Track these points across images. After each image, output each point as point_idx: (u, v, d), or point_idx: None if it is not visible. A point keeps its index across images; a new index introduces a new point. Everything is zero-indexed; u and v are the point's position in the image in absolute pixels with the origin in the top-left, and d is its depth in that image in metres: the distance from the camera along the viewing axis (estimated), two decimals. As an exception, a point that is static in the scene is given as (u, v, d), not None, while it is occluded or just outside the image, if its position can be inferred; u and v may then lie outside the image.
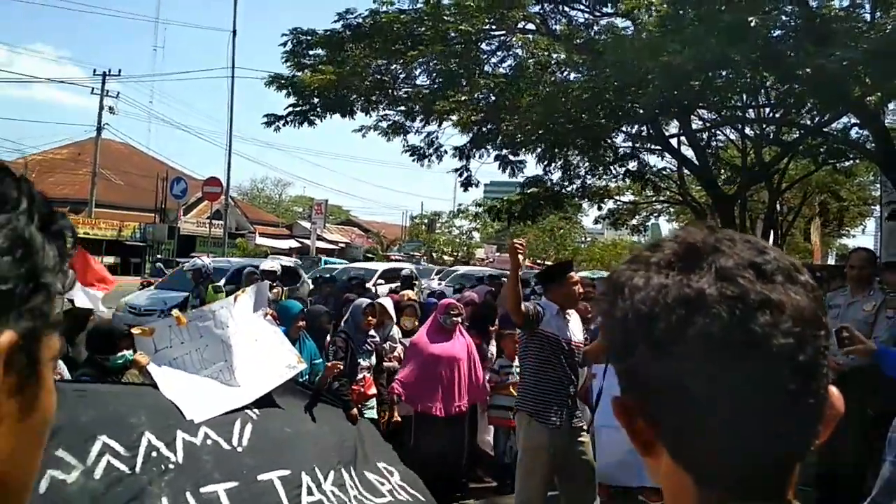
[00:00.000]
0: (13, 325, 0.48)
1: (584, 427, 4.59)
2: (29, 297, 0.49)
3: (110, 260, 29.03)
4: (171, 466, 3.20)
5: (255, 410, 3.77)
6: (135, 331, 4.11)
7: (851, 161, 17.63)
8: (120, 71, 31.95)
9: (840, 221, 24.92)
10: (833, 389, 0.67)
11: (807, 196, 25.47)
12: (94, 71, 31.79)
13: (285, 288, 10.66)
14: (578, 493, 4.46)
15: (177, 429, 3.33)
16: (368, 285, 12.64)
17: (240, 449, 3.48)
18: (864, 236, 35.49)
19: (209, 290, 9.81)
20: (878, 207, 25.59)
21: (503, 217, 16.21)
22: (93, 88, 31.10)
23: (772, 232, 22.52)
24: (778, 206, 23.02)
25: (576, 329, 4.56)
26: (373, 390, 5.90)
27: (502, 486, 6.26)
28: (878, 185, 22.30)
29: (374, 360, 6.06)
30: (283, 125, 13.49)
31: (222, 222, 27.84)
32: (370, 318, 5.97)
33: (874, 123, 11.39)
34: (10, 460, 0.51)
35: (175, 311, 4.28)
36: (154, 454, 3.19)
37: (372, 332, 6.09)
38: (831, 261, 32.46)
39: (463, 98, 11.46)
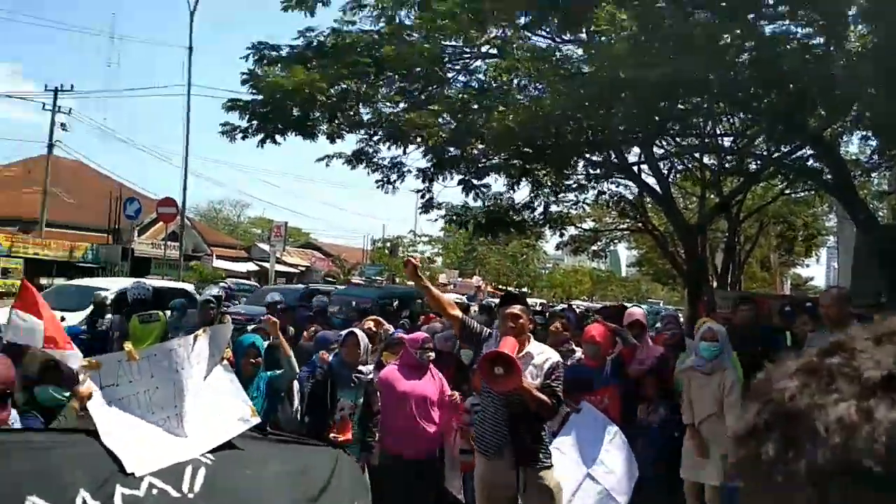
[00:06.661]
0: None
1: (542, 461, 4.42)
2: None
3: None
4: None
5: (208, 455, 3.40)
6: (82, 363, 3.72)
7: (808, 191, 18.02)
8: (73, 86, 30.90)
9: (807, 250, 25.43)
10: None
11: (763, 226, 25.94)
12: (46, 86, 30.78)
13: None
14: None
15: (116, 483, 2.96)
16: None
17: (191, 496, 3.11)
18: (817, 266, 36.23)
19: (133, 321, 8.07)
20: (831, 238, 26.16)
21: (468, 227, 16.11)
22: (44, 104, 30.20)
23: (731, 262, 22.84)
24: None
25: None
26: (349, 435, 5.35)
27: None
28: (833, 216, 22.81)
29: (360, 399, 5.51)
30: (243, 138, 12.89)
31: (178, 244, 27.17)
32: (353, 347, 5.56)
33: (830, 154, 11.58)
34: None
35: (127, 345, 3.89)
36: None
37: (360, 368, 5.57)
38: (786, 290, 33.02)
39: (432, 112, 11.27)
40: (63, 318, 4.06)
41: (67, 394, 3.86)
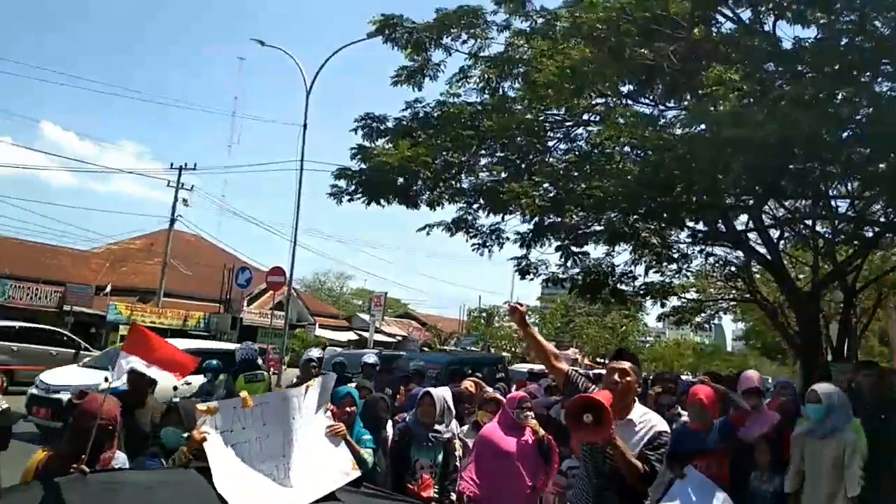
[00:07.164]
0: None
1: None
2: None
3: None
4: None
5: None
6: (200, 406, 3.81)
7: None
8: (196, 165, 32.98)
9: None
10: None
11: (882, 296, 24.35)
12: (171, 164, 33.14)
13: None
14: None
15: None
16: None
17: None
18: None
19: (239, 380, 8.85)
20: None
21: (565, 286, 15.90)
22: (168, 181, 32.47)
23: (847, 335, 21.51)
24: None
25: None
26: (430, 492, 5.38)
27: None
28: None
29: (439, 457, 5.57)
30: (349, 200, 13.48)
31: (284, 313, 28.21)
32: (429, 407, 5.62)
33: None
34: None
35: (243, 393, 3.98)
36: None
37: (437, 427, 5.65)
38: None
39: (533, 182, 11.39)
40: (107, 379, 4.27)
41: (186, 435, 4.04)
